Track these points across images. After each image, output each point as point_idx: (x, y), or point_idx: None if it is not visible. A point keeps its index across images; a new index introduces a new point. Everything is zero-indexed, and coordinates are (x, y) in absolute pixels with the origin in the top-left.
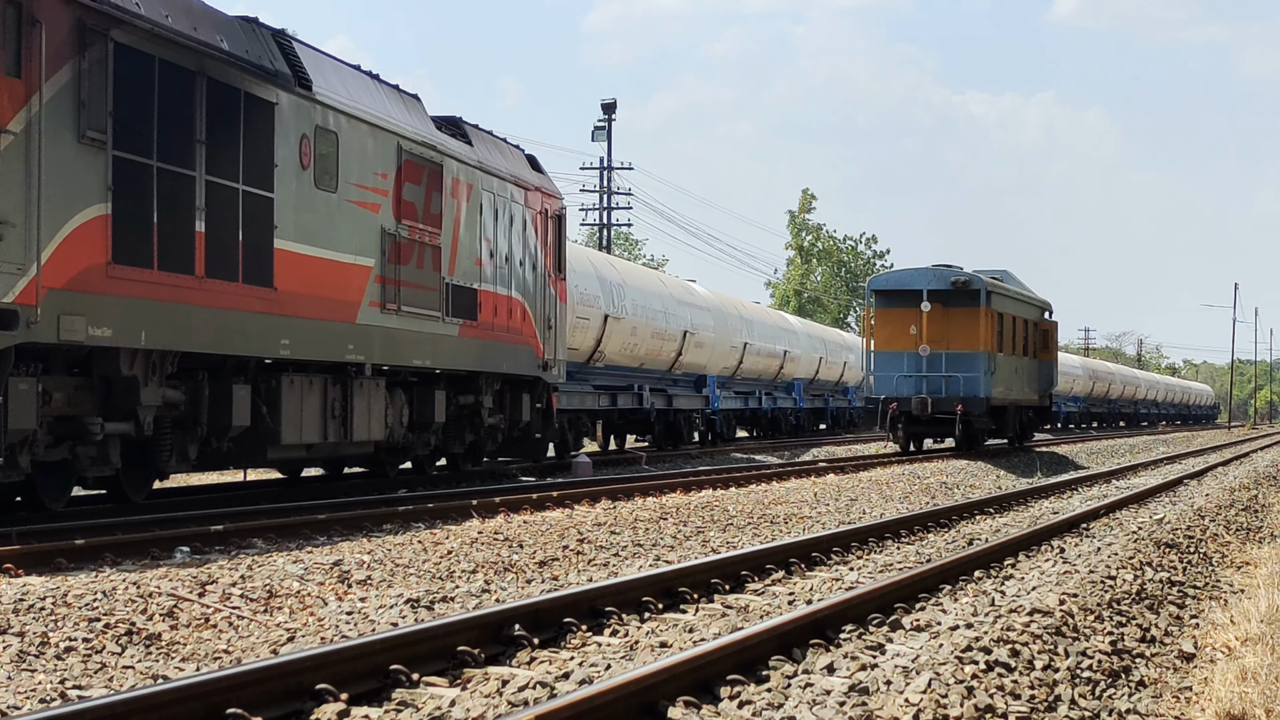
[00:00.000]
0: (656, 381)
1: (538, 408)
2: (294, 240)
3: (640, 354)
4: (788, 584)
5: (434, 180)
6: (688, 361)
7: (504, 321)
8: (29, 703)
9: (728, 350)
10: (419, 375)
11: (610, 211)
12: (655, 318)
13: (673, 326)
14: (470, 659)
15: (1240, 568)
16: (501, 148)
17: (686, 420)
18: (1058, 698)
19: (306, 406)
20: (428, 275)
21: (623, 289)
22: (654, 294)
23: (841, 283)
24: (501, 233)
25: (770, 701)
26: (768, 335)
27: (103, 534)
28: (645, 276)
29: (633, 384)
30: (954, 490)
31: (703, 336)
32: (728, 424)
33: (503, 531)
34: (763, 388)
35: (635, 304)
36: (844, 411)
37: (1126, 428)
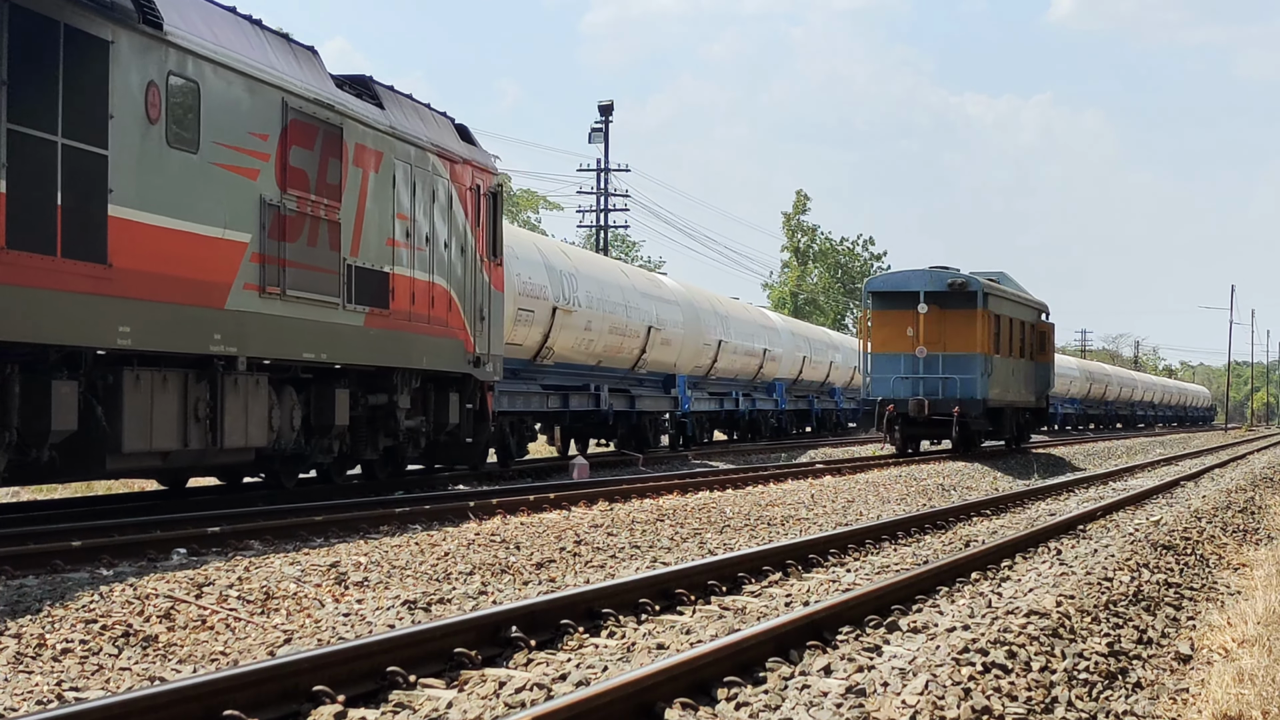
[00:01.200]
0: (618, 381)
1: (469, 408)
2: (137, 208)
3: (597, 351)
4: (785, 586)
5: (331, 145)
6: (653, 360)
7: (424, 310)
8: (26, 704)
9: (699, 348)
10: (315, 371)
11: (607, 213)
12: (614, 311)
13: (635, 321)
14: (467, 660)
15: (1237, 569)
16: (422, 113)
17: (653, 423)
18: (1055, 699)
19: (159, 407)
20: (323, 255)
21: (575, 279)
22: (613, 285)
23: (838, 284)
24: (421, 209)
25: (767, 703)
26: (745, 332)
27: (99, 535)
28: (603, 266)
29: (589, 383)
30: (951, 492)
31: (670, 333)
32: (700, 427)
33: (500, 533)
34: (740, 389)
35: (591, 296)
36: (830, 413)
37: (1123, 429)
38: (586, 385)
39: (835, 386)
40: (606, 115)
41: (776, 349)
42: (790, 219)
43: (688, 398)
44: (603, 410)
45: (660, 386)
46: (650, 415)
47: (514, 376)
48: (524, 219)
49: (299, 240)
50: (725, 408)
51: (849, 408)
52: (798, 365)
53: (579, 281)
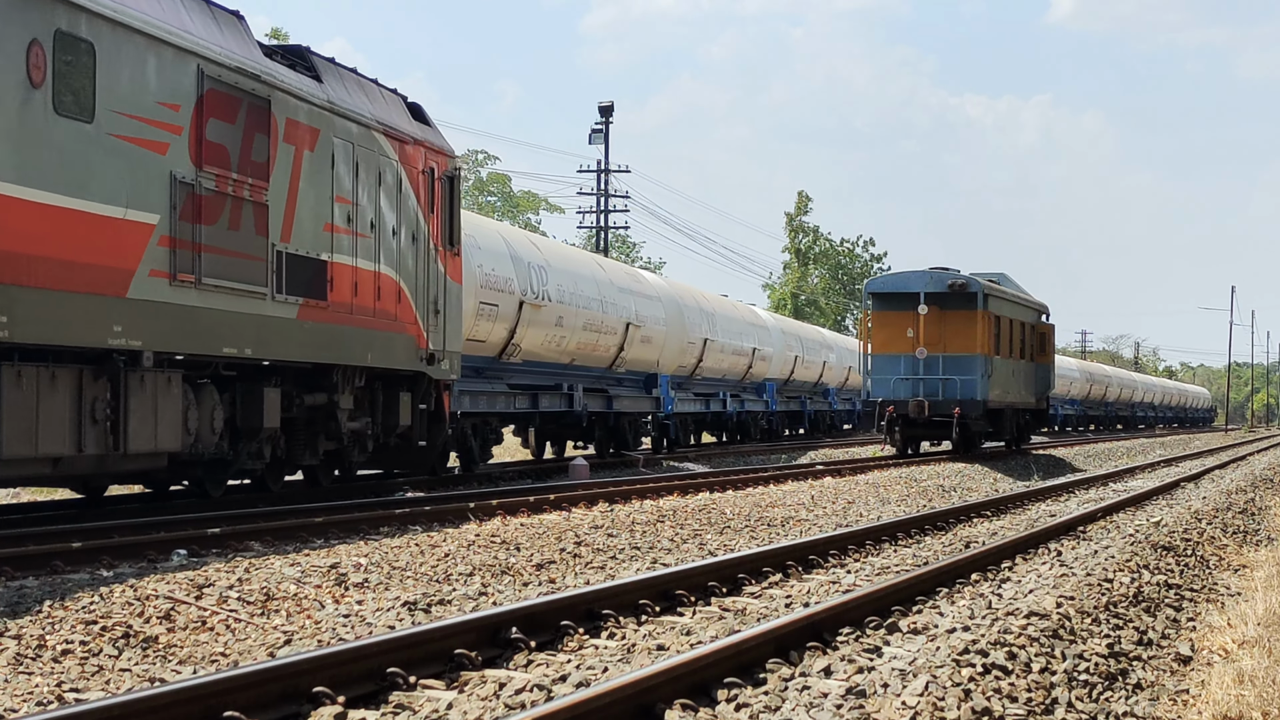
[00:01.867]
0: (594, 381)
1: (423, 409)
2: (16, 182)
3: (569, 348)
4: (785, 587)
5: (257, 119)
6: (633, 358)
7: (368, 303)
8: (26, 705)
9: (684, 346)
10: (240, 368)
11: (607, 214)
12: (589, 306)
13: (612, 317)
14: (467, 662)
15: (1237, 571)
16: (368, 89)
17: (633, 425)
18: (1055, 700)
19: (47, 407)
20: (248, 240)
21: (545, 272)
22: (587, 279)
23: (839, 286)
24: (365, 193)
25: (767, 704)
26: (733, 330)
27: (99, 537)
28: (576, 259)
29: (561, 383)
30: (951, 493)
31: (651, 330)
32: (685, 429)
33: (500, 534)
34: (728, 389)
35: (563, 289)
36: (824, 415)
37: (1123, 430)
38: (559, 385)
39: (829, 387)
40: (606, 116)
41: (766, 348)
42: (792, 219)
43: (670, 398)
44: (576, 411)
45: (641, 386)
46: (630, 416)
47: (477, 375)
48: (524, 220)
49: (218, 223)
50: (712, 409)
51: (844, 409)
52: (789, 365)
53: (549, 274)
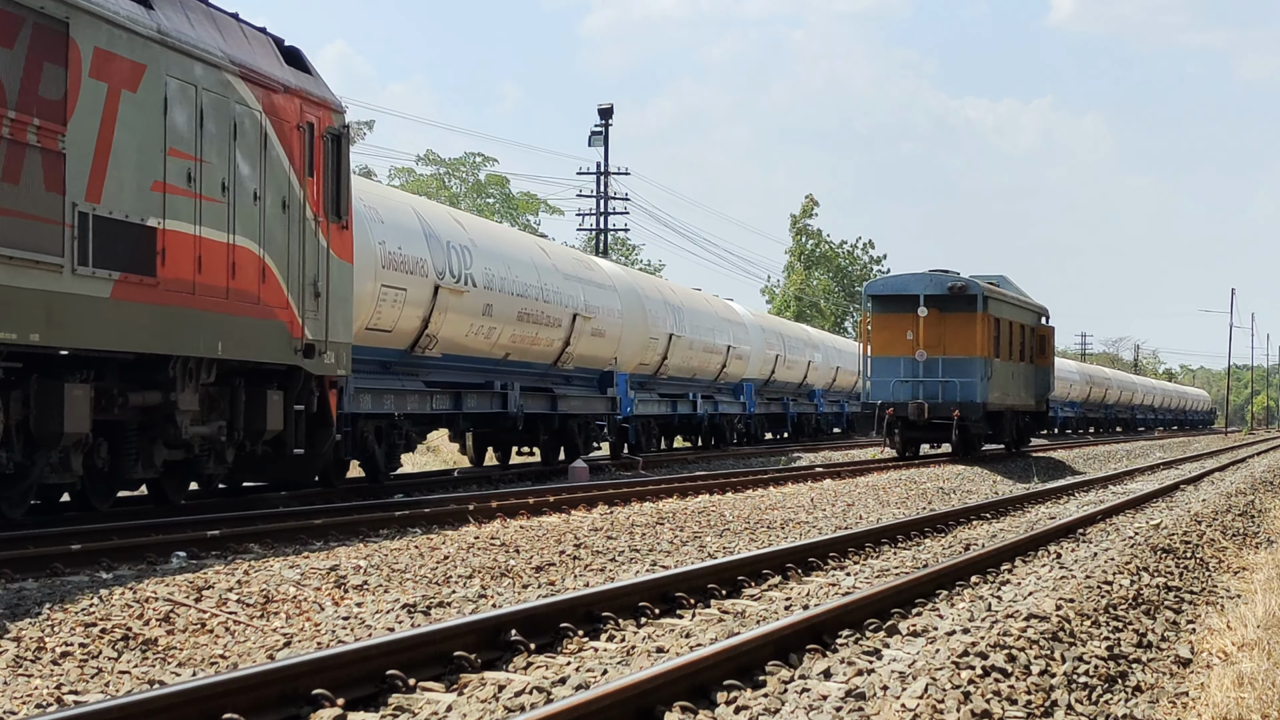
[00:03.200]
0: (536, 378)
1: (299, 411)
2: None
3: (502, 341)
4: (784, 589)
5: (47, 45)
6: (583, 354)
7: (218, 281)
8: (25, 708)
9: (645, 342)
10: (28, 359)
11: (607, 217)
12: (526, 293)
13: (556, 307)
14: (467, 664)
15: (1237, 573)
16: (223, 23)
17: (585, 428)
18: (1054, 703)
19: None
20: (31, 197)
21: (468, 253)
22: (524, 264)
23: (838, 288)
24: (214, 147)
25: (767, 707)
26: (705, 326)
27: (99, 539)
28: (509, 240)
29: (493, 380)
30: (950, 496)
31: (604, 322)
32: (647, 433)
33: (499, 537)
34: (699, 389)
35: (491, 274)
36: (808, 418)
37: (1123, 433)
38: (490, 383)
39: (815, 388)
40: (606, 118)
41: (743, 346)
42: (797, 221)
43: (630, 399)
44: (511, 411)
45: (594, 385)
46: (580, 419)
47: (384, 371)
48: (524, 222)
49: None
50: (680, 411)
51: (831, 411)
52: (769, 364)
53: (474, 256)
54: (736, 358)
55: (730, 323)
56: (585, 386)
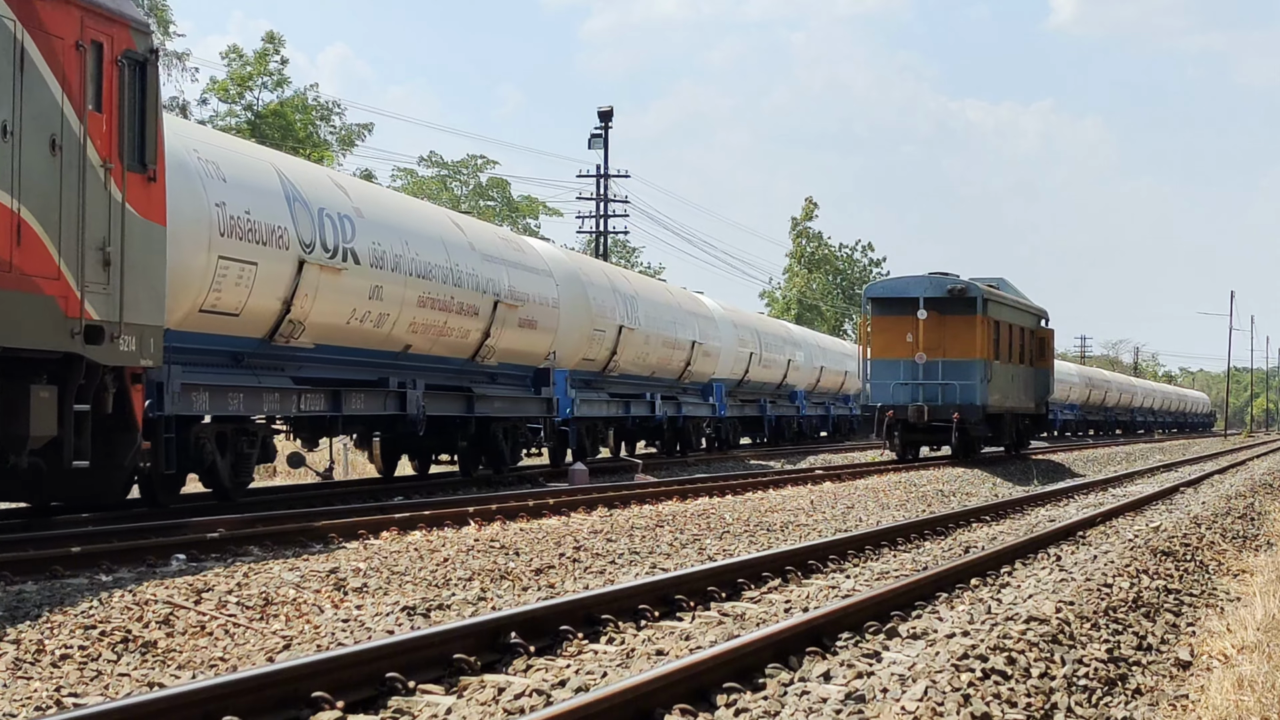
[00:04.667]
0: (451, 376)
1: (81, 411)
2: None
3: (397, 331)
4: (784, 592)
5: None
6: (509, 347)
7: None
8: (25, 710)
9: (588, 334)
10: None
11: (606, 219)
12: (431, 274)
13: (471, 291)
14: (466, 667)
15: (1237, 575)
16: None
17: (511, 432)
18: (1054, 705)
19: None
20: None
21: (350, 223)
22: (430, 239)
23: (838, 291)
24: None
25: (766, 709)
26: (664, 318)
27: (99, 541)
28: (408, 210)
29: (388, 377)
30: (950, 498)
31: (534, 311)
32: (592, 436)
33: (499, 539)
34: (660, 389)
35: (382, 250)
36: (789, 421)
37: (1123, 436)
38: (384, 380)
39: (796, 389)
40: (606, 121)
41: (712, 342)
42: (797, 224)
43: (569, 399)
44: (411, 414)
45: (526, 384)
46: (506, 422)
47: (234, 365)
48: (524, 224)
49: None
50: (634, 413)
51: (815, 414)
52: (742, 363)
53: (357, 228)
54: (704, 355)
55: (697, 316)
56: (514, 385)
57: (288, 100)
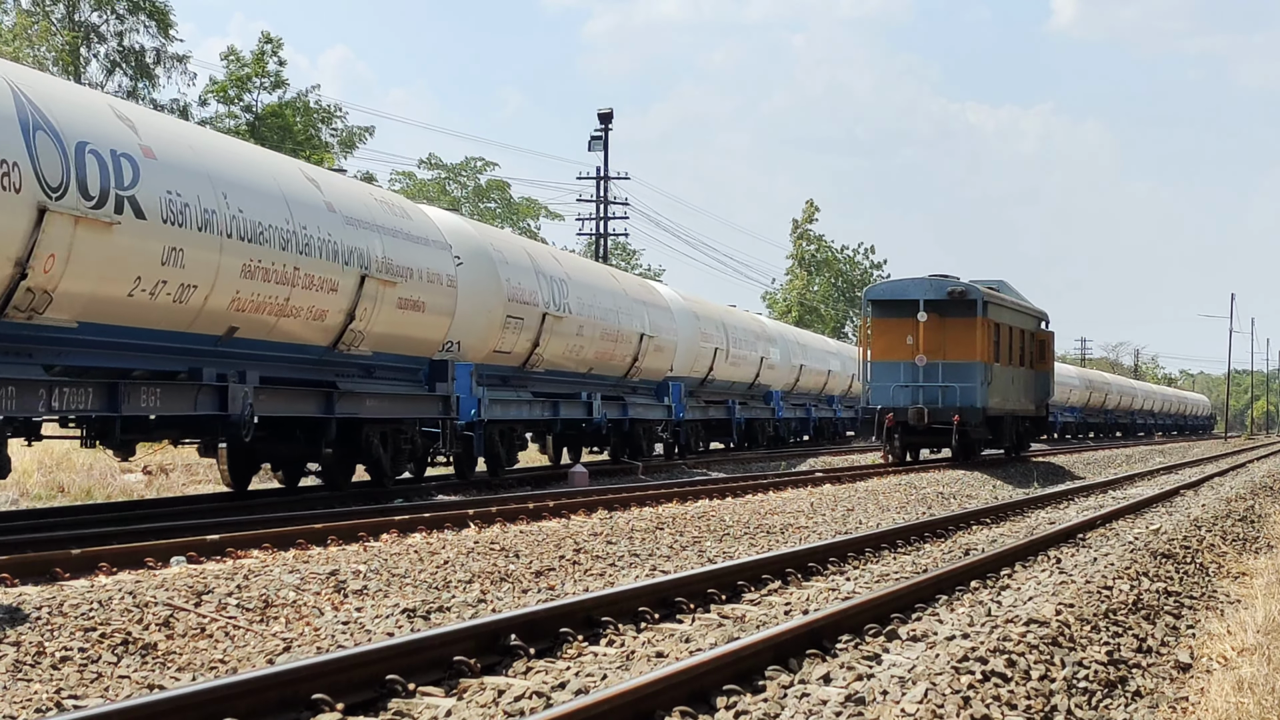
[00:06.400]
0: (306, 366)
1: None
2: None
3: (213, 308)
4: (784, 594)
5: None
6: (383, 333)
7: None
8: (25, 713)
9: (498, 321)
10: None
11: (606, 221)
12: (258, 237)
13: (322, 260)
14: (466, 669)
15: (1237, 578)
16: None
17: (393, 436)
18: (1054, 708)
19: None
20: None
21: (130, 165)
22: (250, 189)
23: (839, 293)
24: None
25: (766, 711)
26: (603, 306)
27: (99, 544)
28: (229, 156)
29: (202, 367)
30: (950, 501)
31: (420, 289)
32: (507, 442)
33: (499, 541)
34: (601, 388)
35: (176, 201)
36: (764, 424)
37: (1123, 438)
38: (197, 371)
39: (771, 389)
40: (606, 123)
41: (666, 335)
42: (798, 226)
43: (474, 399)
44: (235, 415)
45: (414, 379)
46: (384, 424)
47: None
48: (524, 226)
49: None
50: (565, 415)
51: (793, 416)
52: (706, 359)
53: (143, 171)
54: (655, 349)
55: (647, 305)
56: (399, 380)
57: (289, 102)
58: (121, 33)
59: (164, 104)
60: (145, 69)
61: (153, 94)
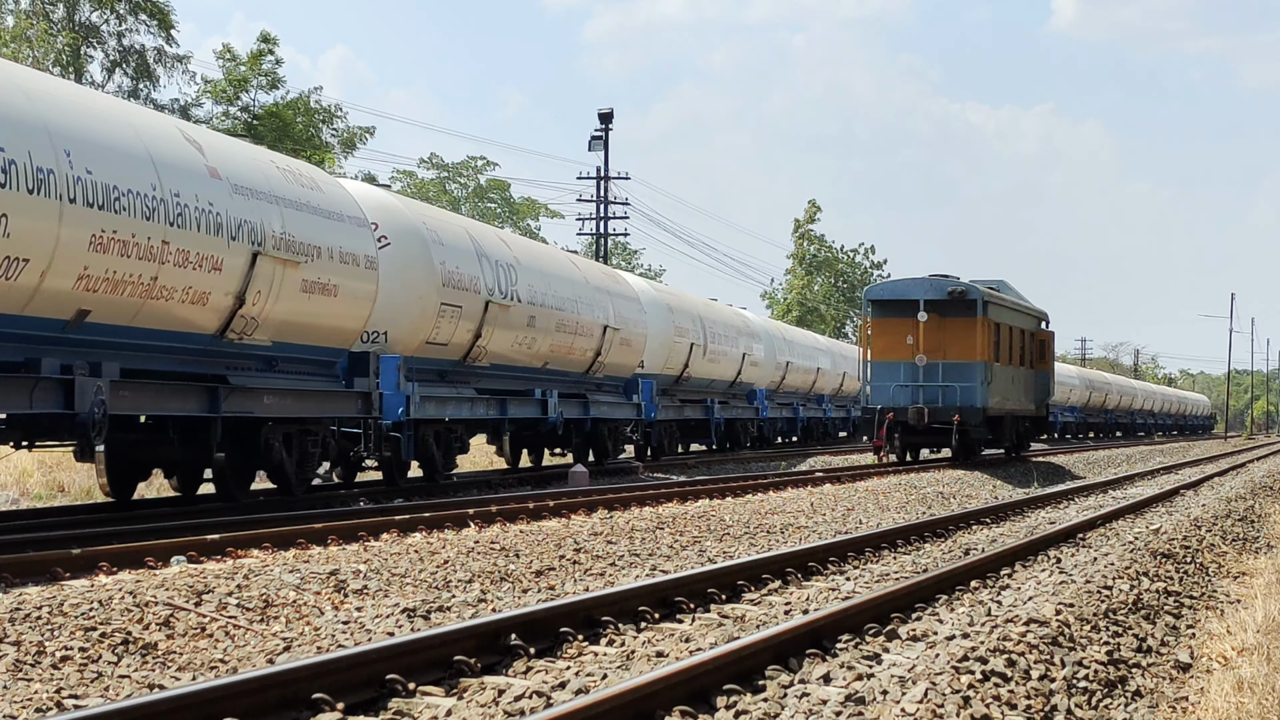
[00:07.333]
0: (186, 358)
1: None
2: None
3: (54, 286)
4: (784, 594)
5: None
6: (284, 320)
7: None
8: (25, 712)
9: (431, 310)
10: None
11: (606, 221)
12: (112, 204)
13: (199, 234)
14: (467, 668)
15: (1237, 578)
16: None
17: (298, 438)
18: (1054, 708)
19: None
20: None
21: None
22: (102, 148)
23: (839, 293)
24: None
25: (766, 711)
26: (560, 294)
27: (99, 543)
28: (69, 106)
29: (40, 357)
30: (950, 500)
31: (332, 271)
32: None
33: (499, 541)
34: (559, 384)
35: (67, 173)
36: (747, 424)
37: (1123, 438)
38: (34, 362)
39: (755, 388)
40: (606, 123)
41: (634, 328)
42: (799, 226)
43: (402, 396)
44: (82, 414)
45: (329, 374)
46: (287, 425)
47: None
48: (524, 226)
49: None
50: (514, 414)
51: (779, 416)
52: (681, 355)
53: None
54: (621, 343)
55: (612, 295)
56: (309, 375)
57: (290, 102)
58: (121, 33)
59: (165, 104)
60: (146, 69)
61: (154, 94)
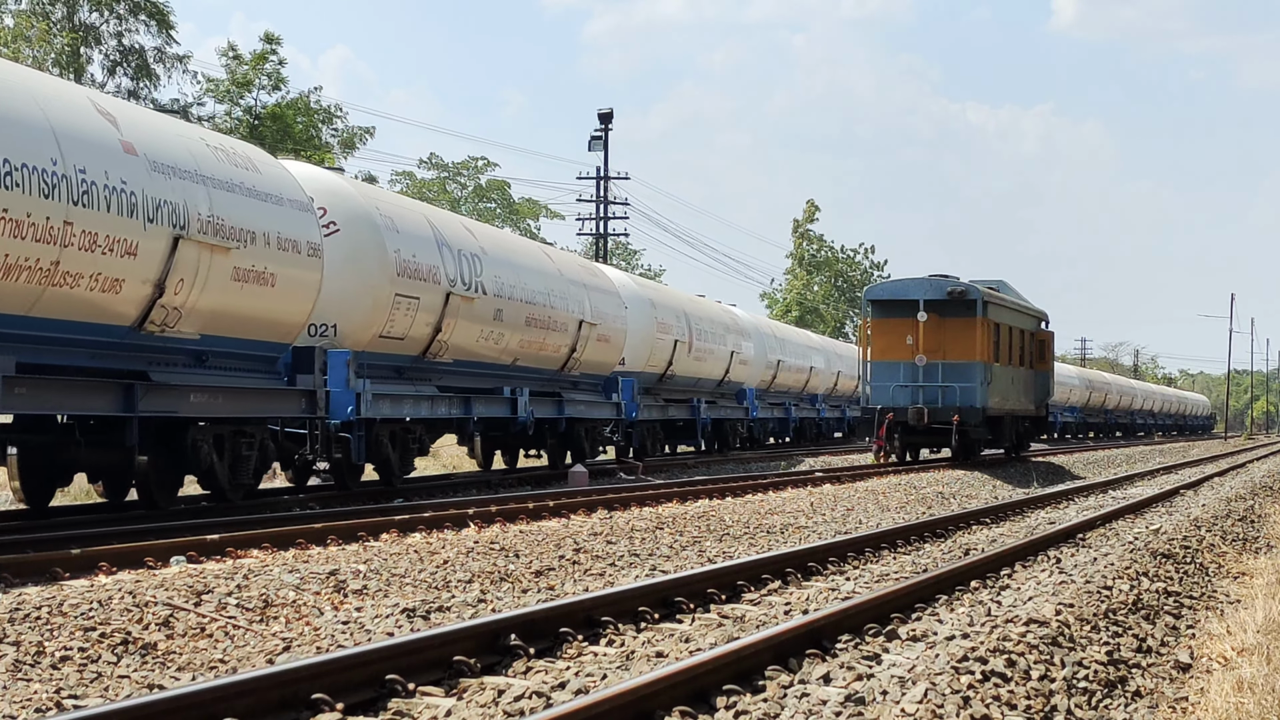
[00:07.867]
0: (97, 352)
1: None
2: None
3: None
4: (784, 594)
5: None
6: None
7: None
8: (25, 713)
9: (386, 301)
10: None
11: (606, 221)
12: (16, 187)
13: (111, 215)
14: (466, 669)
15: (1237, 578)
16: None
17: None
18: (1054, 708)
19: None
20: None
21: None
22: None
23: (839, 293)
24: None
25: (766, 712)
26: (530, 288)
27: (99, 543)
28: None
29: None
30: (950, 500)
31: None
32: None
33: (499, 541)
34: (528, 382)
35: None
36: (736, 425)
37: (1123, 438)
38: None
39: (745, 387)
40: (606, 123)
41: (613, 323)
42: (799, 226)
43: (351, 394)
44: None
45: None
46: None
47: None
48: (524, 226)
49: None
50: (479, 413)
51: (770, 416)
52: (665, 353)
53: None
54: (600, 339)
55: (589, 289)
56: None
57: (290, 103)
58: (121, 33)
59: (165, 103)
60: (146, 68)
61: (154, 94)
